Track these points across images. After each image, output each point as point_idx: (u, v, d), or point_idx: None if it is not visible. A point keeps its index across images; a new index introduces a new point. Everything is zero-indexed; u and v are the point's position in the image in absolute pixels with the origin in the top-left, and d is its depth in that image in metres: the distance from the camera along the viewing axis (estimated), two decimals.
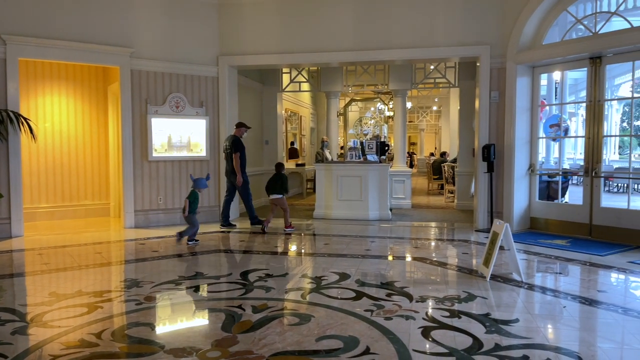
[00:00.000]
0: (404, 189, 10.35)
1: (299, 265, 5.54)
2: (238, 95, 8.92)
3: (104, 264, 5.47)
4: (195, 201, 6.49)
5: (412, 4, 7.80)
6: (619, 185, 13.33)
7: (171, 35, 8.04)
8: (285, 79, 10.87)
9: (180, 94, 8.14)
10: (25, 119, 6.83)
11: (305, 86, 11.36)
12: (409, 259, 5.80)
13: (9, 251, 6.12)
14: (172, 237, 6.78)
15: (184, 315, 3.84)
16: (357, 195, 8.54)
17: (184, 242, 6.50)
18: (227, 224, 7.90)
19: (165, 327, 3.56)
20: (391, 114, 16.70)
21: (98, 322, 3.54)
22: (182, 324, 3.66)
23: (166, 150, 8.06)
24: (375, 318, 3.57)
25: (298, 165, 12.57)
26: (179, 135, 8.15)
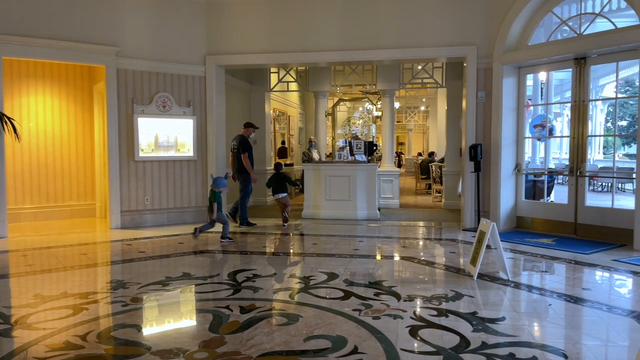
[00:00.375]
0: (392, 188, 10.40)
1: (288, 265, 5.53)
2: (226, 95, 8.87)
3: (90, 265, 5.41)
4: (219, 200, 6.67)
5: (400, 4, 7.83)
6: (603, 184, 13.50)
7: (158, 34, 7.98)
8: (274, 78, 10.85)
9: (167, 93, 8.08)
10: (9, 118, 6.72)
11: (294, 86, 11.34)
12: (397, 258, 5.83)
13: None
14: (160, 237, 6.73)
15: (171, 317, 3.81)
16: (346, 195, 8.55)
17: (220, 240, 6.68)
18: (245, 223, 8.00)
19: (152, 329, 3.53)
20: (379, 114, 16.74)
21: (84, 324, 3.50)
22: (169, 325, 3.64)
23: (153, 150, 7.99)
24: (363, 317, 3.57)
25: (286, 165, 12.53)
26: (166, 135, 8.09)
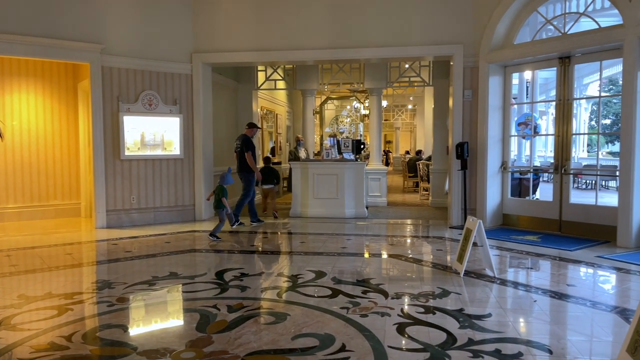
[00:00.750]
0: (380, 186, 10.43)
1: (275, 264, 5.51)
2: (213, 93, 8.82)
3: (75, 265, 5.34)
4: (226, 196, 6.78)
5: (387, 3, 7.84)
6: (588, 182, 13.70)
7: (143, 31, 7.89)
8: (261, 76, 10.80)
9: (153, 91, 8.00)
10: None
11: (281, 84, 11.31)
12: (384, 256, 5.85)
13: None
14: (146, 237, 6.67)
15: (157, 316, 3.79)
16: (334, 193, 8.55)
17: (209, 236, 6.78)
18: (256, 220, 8.09)
19: (138, 329, 3.50)
20: (367, 112, 16.77)
21: (69, 324, 3.46)
22: (155, 325, 3.61)
23: (139, 148, 7.91)
24: (351, 315, 3.58)
25: (274, 164, 12.49)
26: (152, 133, 8.02)
